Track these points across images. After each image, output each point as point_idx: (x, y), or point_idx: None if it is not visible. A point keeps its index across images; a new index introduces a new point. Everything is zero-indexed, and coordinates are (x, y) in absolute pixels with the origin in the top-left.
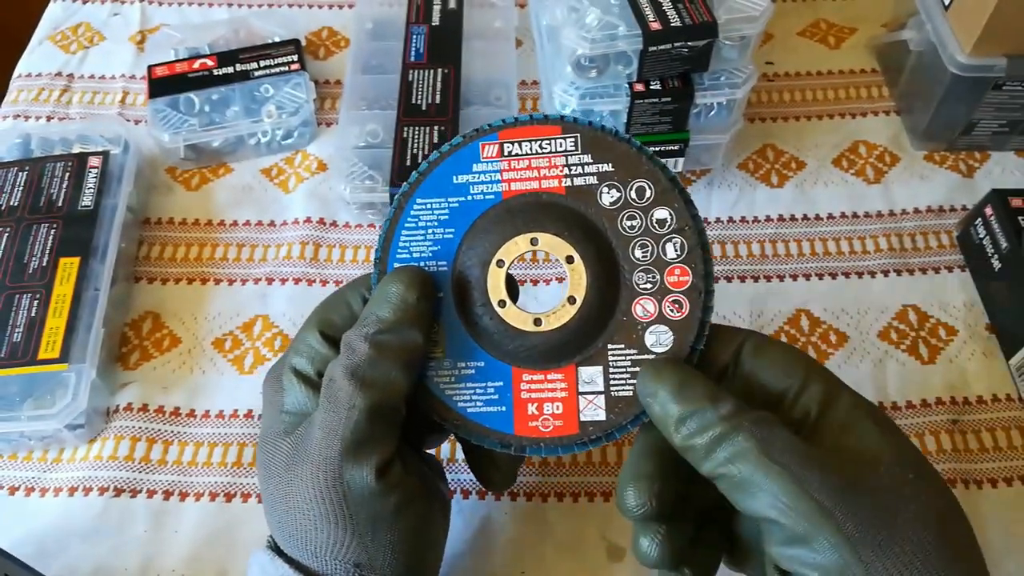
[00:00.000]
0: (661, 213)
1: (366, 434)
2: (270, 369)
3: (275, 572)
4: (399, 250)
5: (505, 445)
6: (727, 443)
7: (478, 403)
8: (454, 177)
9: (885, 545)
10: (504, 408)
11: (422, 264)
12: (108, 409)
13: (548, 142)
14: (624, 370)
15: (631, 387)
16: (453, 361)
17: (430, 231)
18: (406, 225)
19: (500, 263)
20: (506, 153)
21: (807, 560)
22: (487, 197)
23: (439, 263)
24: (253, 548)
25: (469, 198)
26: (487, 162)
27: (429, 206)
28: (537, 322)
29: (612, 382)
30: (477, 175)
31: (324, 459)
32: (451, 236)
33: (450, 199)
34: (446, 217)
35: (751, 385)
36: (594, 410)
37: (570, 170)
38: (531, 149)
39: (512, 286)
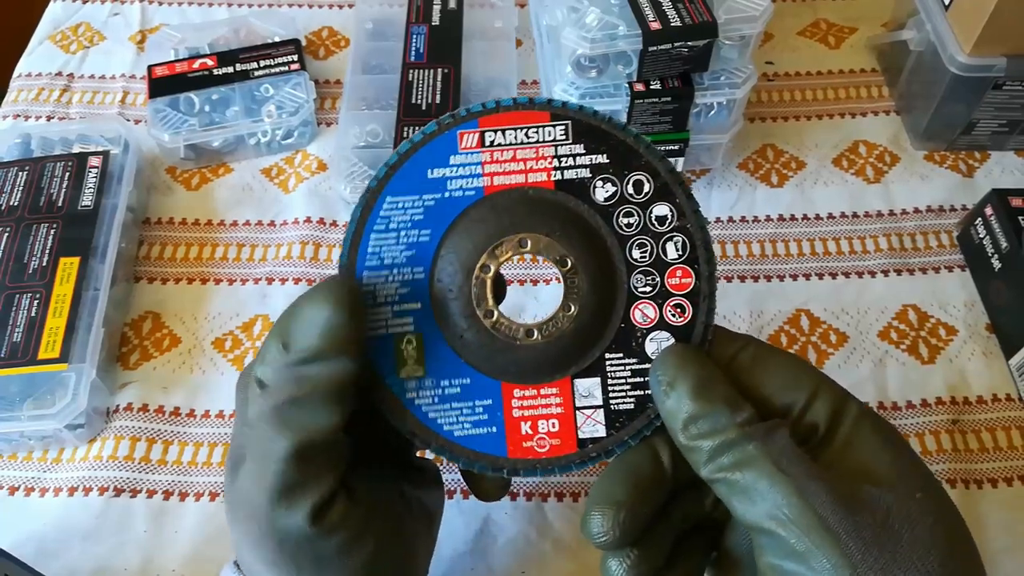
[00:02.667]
0: (661, 209)
1: (294, 480)
2: (241, 374)
3: None
4: (368, 256)
5: (497, 469)
6: (735, 449)
7: (466, 425)
8: (429, 171)
9: (887, 569)
10: (495, 429)
11: (395, 271)
12: (108, 409)
13: (535, 130)
14: (624, 381)
15: (632, 399)
16: (435, 380)
17: (403, 233)
18: (375, 227)
19: (485, 268)
20: (487, 143)
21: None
22: (467, 193)
23: (415, 270)
24: (224, 563)
25: (447, 195)
26: (466, 153)
27: (401, 205)
28: (529, 333)
29: (611, 394)
30: (455, 168)
31: (254, 508)
32: (427, 239)
33: (425, 196)
34: (421, 217)
35: (751, 396)
36: (593, 426)
37: (560, 162)
38: (516, 138)
39: (499, 290)
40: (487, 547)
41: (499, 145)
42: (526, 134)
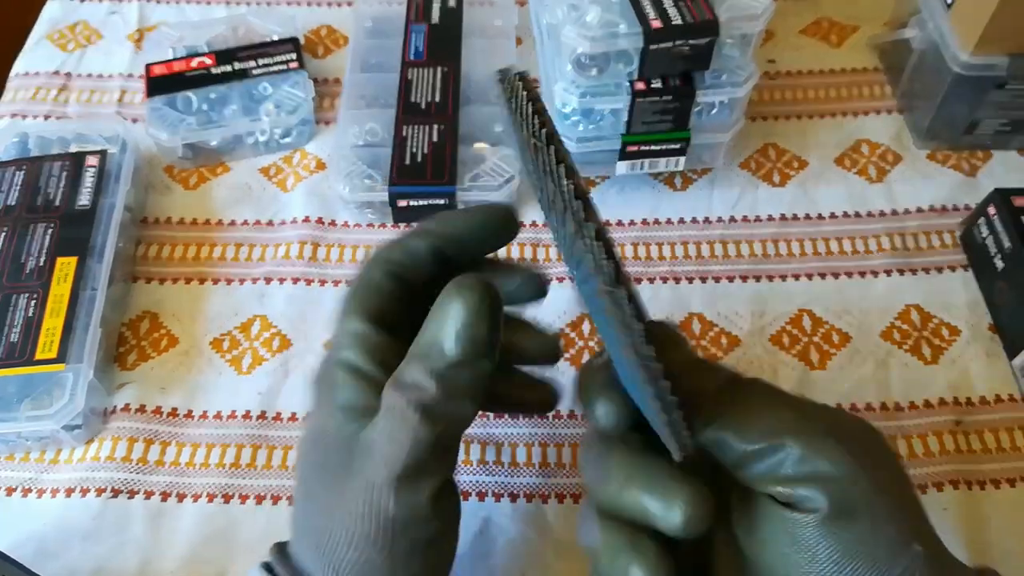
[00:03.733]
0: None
1: (426, 464)
2: (321, 365)
3: None
4: None
5: None
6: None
7: None
8: None
9: (872, 464)
10: None
11: None
12: (106, 410)
13: None
14: None
15: None
16: None
17: None
18: None
19: None
20: None
21: (820, 472)
22: None
23: None
24: (249, 568)
25: None
26: None
27: None
28: None
29: None
30: None
31: (381, 481)
32: None
33: None
34: None
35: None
36: None
37: None
38: None
39: None
40: (487, 548)
41: None
42: None
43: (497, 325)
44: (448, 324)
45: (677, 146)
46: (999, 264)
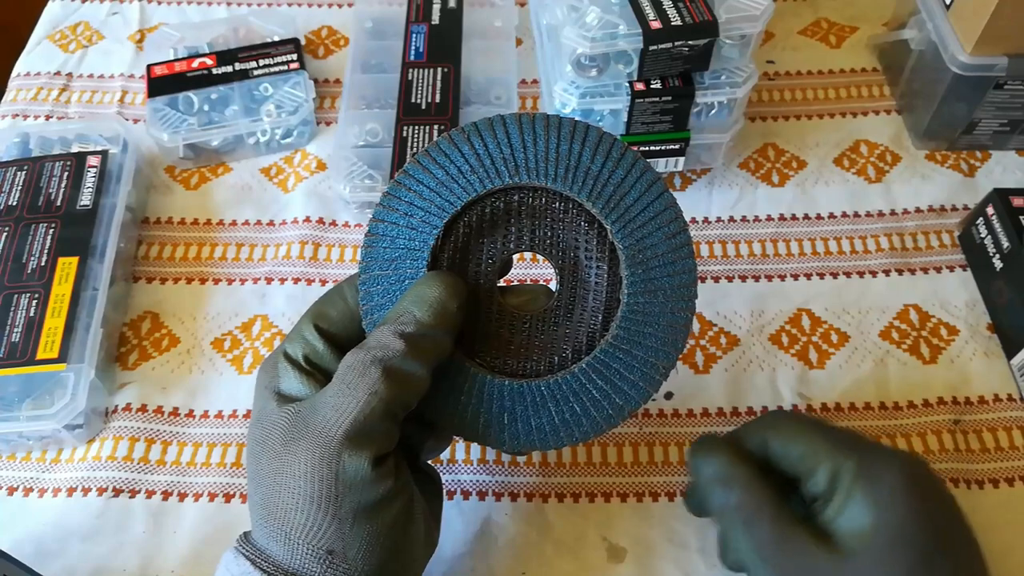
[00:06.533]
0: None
1: (375, 423)
2: (266, 357)
3: (237, 570)
4: None
5: None
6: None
7: None
8: None
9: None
10: None
11: None
12: (107, 409)
13: None
14: None
15: None
16: None
17: None
18: None
19: None
20: None
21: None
22: None
23: None
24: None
25: None
26: None
27: None
28: None
29: None
30: None
31: (326, 437)
32: None
33: None
34: None
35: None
36: None
37: None
38: None
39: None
40: (488, 548)
41: None
42: None
43: (461, 311)
44: (422, 297)
45: (676, 146)
46: (997, 264)
